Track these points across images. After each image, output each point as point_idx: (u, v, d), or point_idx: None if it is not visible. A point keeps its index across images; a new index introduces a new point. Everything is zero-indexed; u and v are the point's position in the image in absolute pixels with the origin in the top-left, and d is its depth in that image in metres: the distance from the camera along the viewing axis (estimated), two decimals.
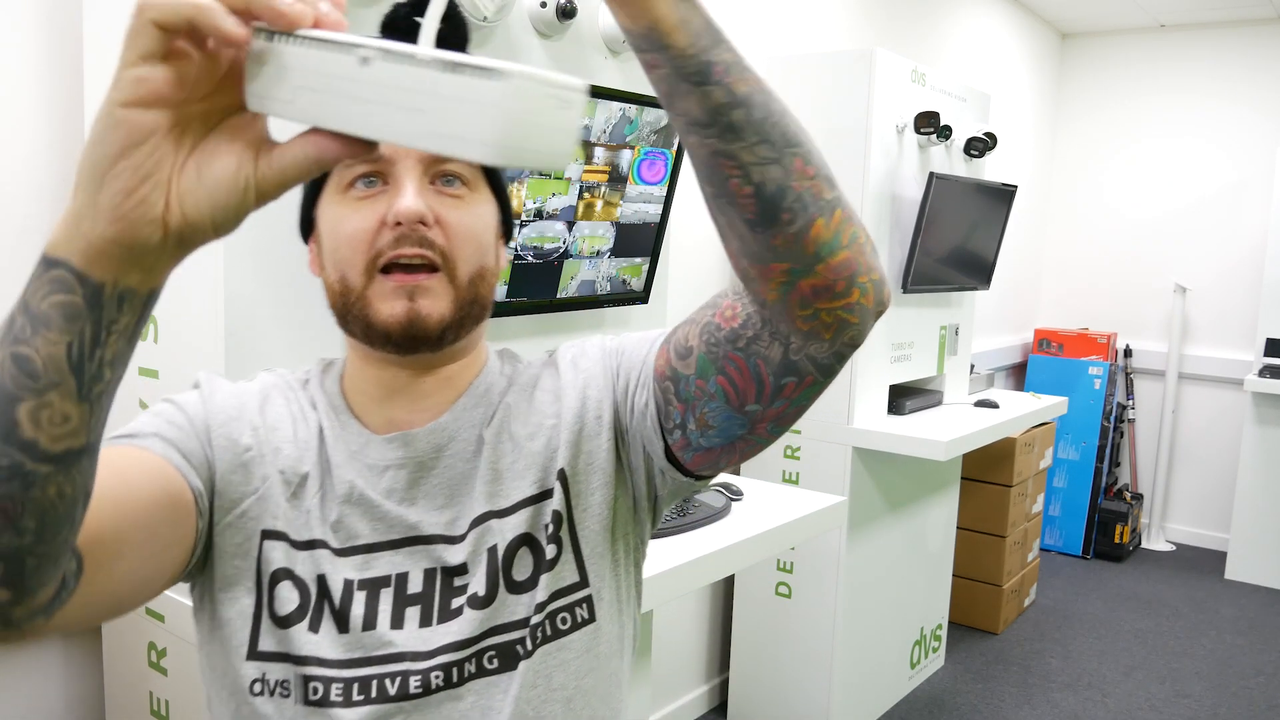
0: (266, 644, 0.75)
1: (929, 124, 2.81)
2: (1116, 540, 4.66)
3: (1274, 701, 3.29)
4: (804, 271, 0.65)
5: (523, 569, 0.78)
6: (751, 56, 2.92)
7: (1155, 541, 4.97)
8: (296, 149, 0.51)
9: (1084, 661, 3.55)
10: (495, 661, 0.77)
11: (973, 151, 3.11)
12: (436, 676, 0.75)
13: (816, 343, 0.69)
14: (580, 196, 1.74)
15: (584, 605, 0.81)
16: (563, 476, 0.80)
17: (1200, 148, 4.88)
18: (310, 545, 0.77)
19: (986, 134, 3.09)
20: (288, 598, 0.76)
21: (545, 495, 0.80)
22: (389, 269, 0.74)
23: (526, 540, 0.79)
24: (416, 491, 0.79)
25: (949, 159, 3.09)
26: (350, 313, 0.76)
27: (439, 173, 0.76)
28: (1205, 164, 4.87)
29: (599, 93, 1.69)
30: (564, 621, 0.80)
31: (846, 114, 2.71)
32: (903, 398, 3.00)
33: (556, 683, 0.79)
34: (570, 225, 1.75)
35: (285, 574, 0.76)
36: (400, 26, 0.76)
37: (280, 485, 0.77)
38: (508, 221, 0.85)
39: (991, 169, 3.47)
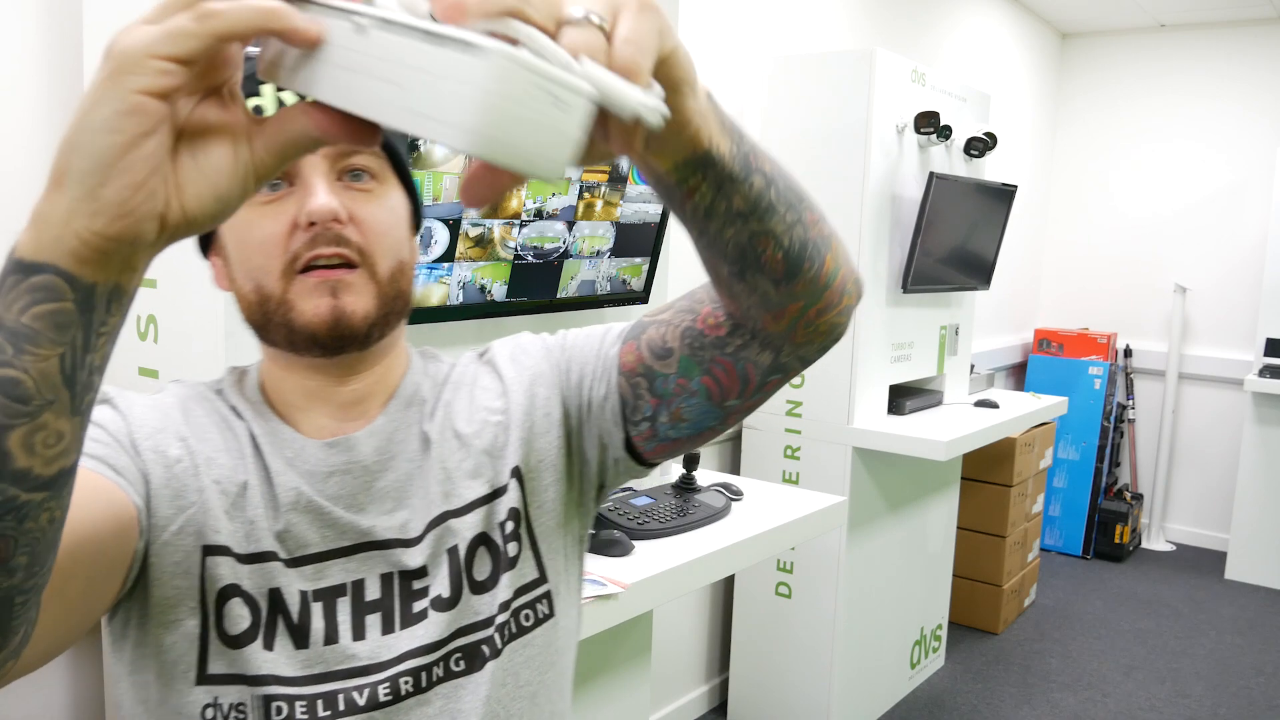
0: (217, 666, 0.71)
1: (929, 124, 2.81)
2: (1116, 540, 4.66)
3: (1274, 701, 3.29)
4: (814, 302, 0.69)
5: (482, 569, 0.78)
6: (752, 56, 2.92)
7: (1155, 541, 4.97)
8: (295, 126, 0.48)
9: (1084, 661, 3.55)
10: (462, 663, 0.76)
11: (973, 151, 3.11)
12: (405, 683, 0.74)
13: (808, 346, 0.73)
14: (580, 196, 1.74)
15: (544, 601, 0.81)
16: (518, 474, 0.80)
17: (1200, 147, 4.88)
18: (258, 558, 0.73)
19: (986, 134, 3.09)
20: (239, 616, 0.72)
21: (498, 493, 0.79)
22: (307, 269, 0.72)
23: (484, 540, 0.78)
24: (364, 496, 0.77)
25: (949, 159, 3.09)
26: (271, 321, 0.73)
27: (346, 168, 0.73)
28: (1205, 164, 4.87)
29: None
30: (527, 618, 0.80)
31: (846, 114, 2.70)
32: (903, 398, 3.00)
33: (523, 679, 0.79)
34: (570, 225, 1.75)
35: (233, 591, 0.72)
36: None
37: (218, 496, 0.73)
38: (418, 212, 0.83)
39: (991, 169, 3.47)
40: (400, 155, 0.78)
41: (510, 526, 0.79)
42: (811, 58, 2.79)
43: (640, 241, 1.91)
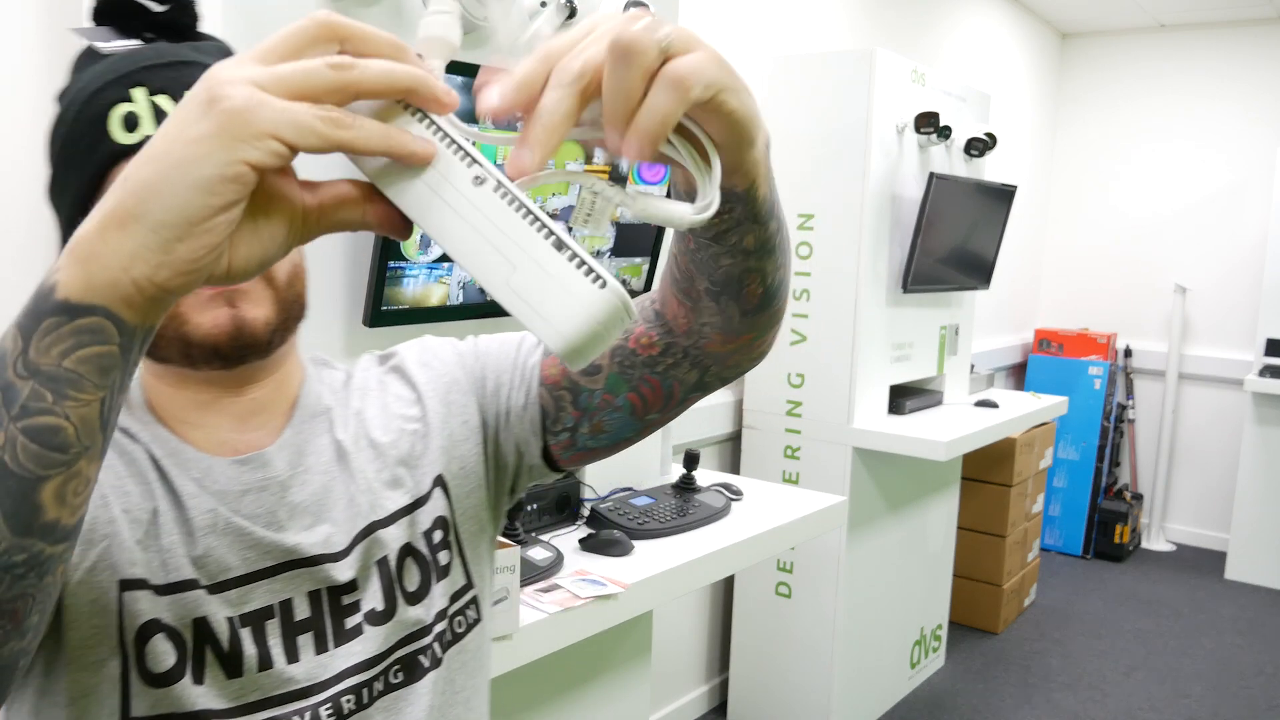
0: (139, 708, 0.66)
1: (929, 124, 2.81)
2: (1116, 540, 4.66)
3: (1274, 701, 3.29)
4: (763, 334, 0.71)
5: (412, 579, 0.77)
6: (752, 56, 2.92)
7: (1155, 541, 4.97)
8: (352, 215, 0.48)
9: (1084, 661, 3.55)
10: (400, 675, 0.75)
11: (973, 151, 3.11)
12: (347, 701, 0.72)
13: (735, 370, 0.75)
14: (581, 196, 1.74)
15: (472, 606, 0.81)
16: (441, 482, 0.80)
17: (1200, 147, 4.88)
18: (177, 587, 0.69)
19: (986, 134, 3.09)
20: (161, 654, 0.67)
21: (420, 503, 0.78)
22: None
23: (410, 550, 0.77)
24: (282, 513, 0.73)
25: (949, 159, 3.09)
26: (163, 336, 0.69)
27: None
28: (1205, 164, 4.87)
29: None
30: (460, 625, 0.80)
31: (846, 114, 2.70)
32: (903, 398, 3.00)
33: (459, 684, 0.79)
34: (570, 225, 1.75)
35: (155, 627, 0.67)
36: (114, 13, 0.71)
37: (129, 527, 0.68)
38: None
39: (991, 169, 3.47)
40: None
41: (439, 535, 0.79)
42: (811, 58, 2.79)
43: (640, 242, 1.91)
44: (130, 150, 0.66)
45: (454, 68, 1.46)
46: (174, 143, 0.42)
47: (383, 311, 1.49)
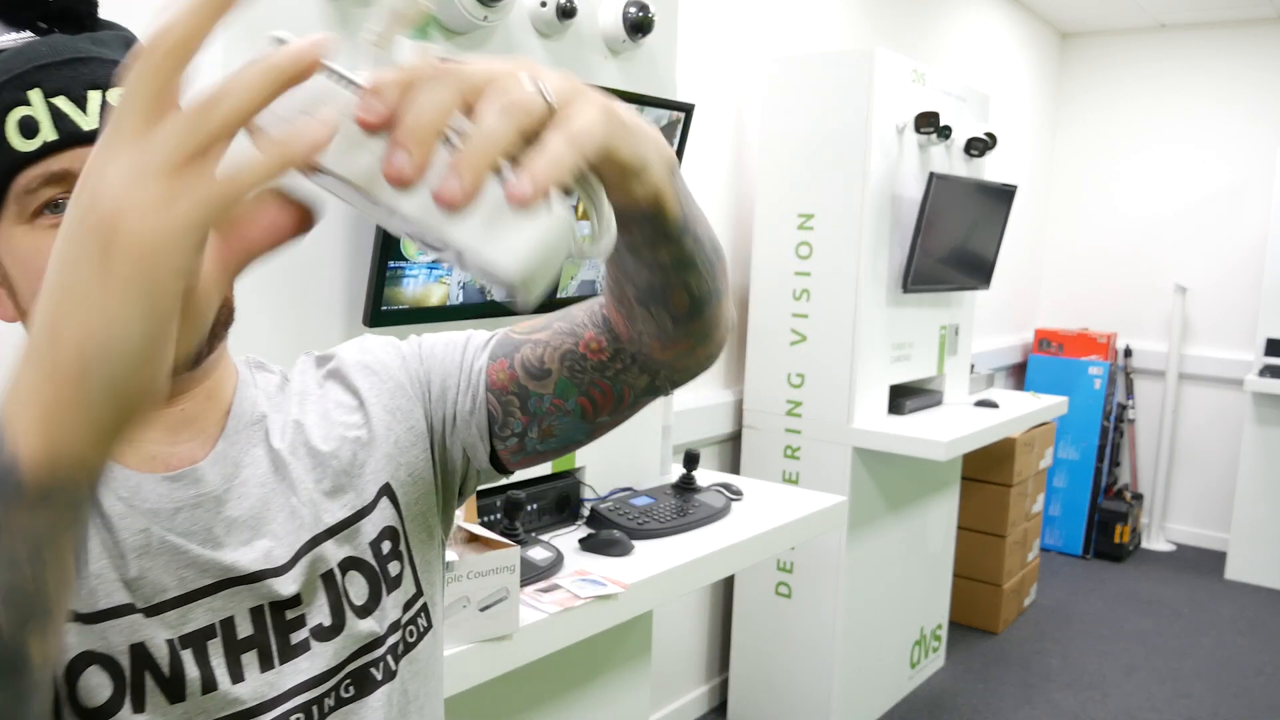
0: None
1: (929, 124, 2.81)
2: (1116, 540, 4.66)
3: (1274, 701, 3.29)
4: (702, 341, 0.71)
5: (359, 591, 0.74)
6: (752, 57, 2.92)
7: (1155, 541, 4.97)
8: (257, 238, 0.42)
9: (1084, 661, 3.55)
10: (351, 689, 0.73)
11: (973, 151, 3.11)
12: (297, 718, 0.69)
13: (684, 374, 0.76)
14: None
15: (423, 614, 0.80)
16: (389, 491, 0.77)
17: (1200, 147, 4.88)
18: (110, 614, 0.65)
19: (987, 134, 3.09)
20: (96, 686, 0.63)
21: (364, 513, 0.76)
22: None
23: (354, 562, 0.75)
24: (219, 530, 0.70)
25: (949, 159, 3.09)
26: None
27: None
28: (1205, 163, 4.87)
29: None
30: (412, 634, 0.78)
31: (846, 114, 2.70)
32: (903, 398, 3.00)
33: (412, 693, 0.78)
34: None
35: (86, 659, 0.64)
36: (2, 3, 0.67)
37: None
38: None
39: (991, 169, 3.47)
40: None
41: (388, 546, 0.77)
42: (812, 58, 2.79)
43: None
44: (29, 158, 0.62)
45: None
46: (88, 311, 0.37)
47: (383, 311, 1.49)
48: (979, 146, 3.09)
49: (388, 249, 1.46)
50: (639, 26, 1.78)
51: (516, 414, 0.77)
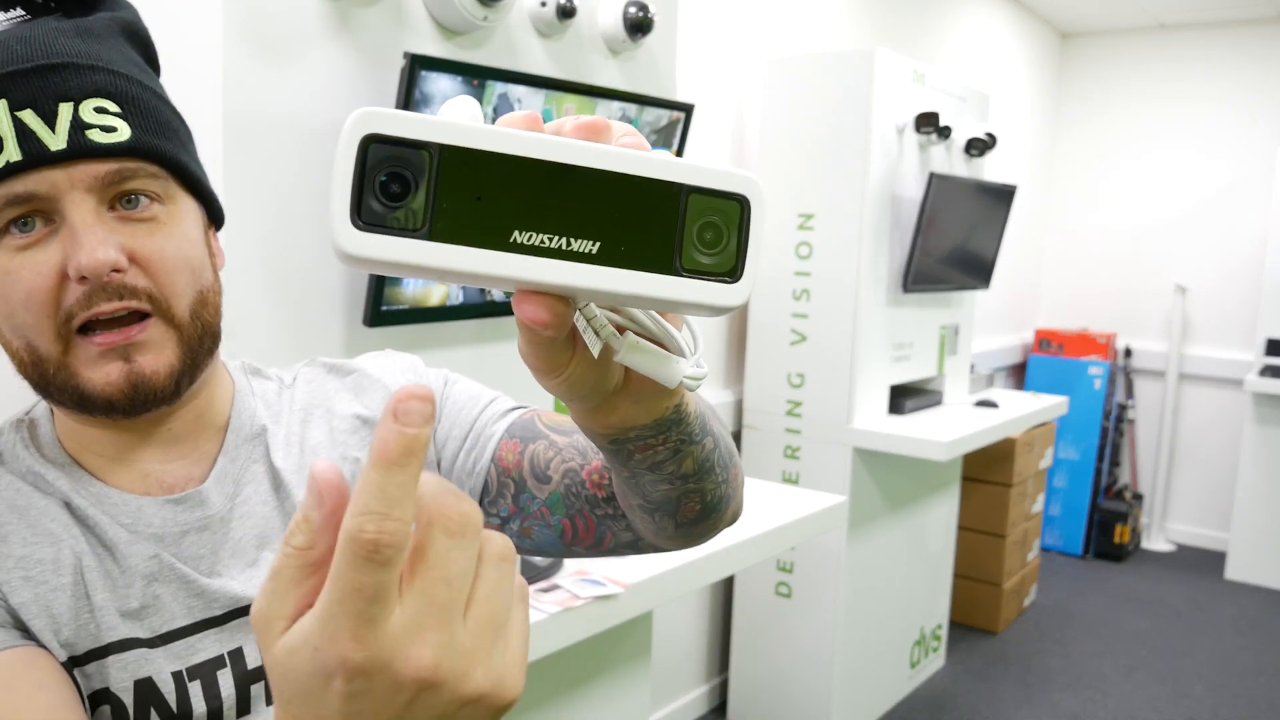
0: None
1: (929, 124, 2.81)
2: (1116, 540, 4.66)
3: (1274, 701, 3.29)
4: (701, 538, 0.68)
5: None
6: (752, 57, 2.92)
7: (1155, 541, 4.97)
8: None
9: (1084, 661, 3.55)
10: None
11: (973, 151, 3.11)
12: None
13: (670, 549, 0.71)
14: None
15: None
16: None
17: (1200, 147, 4.88)
18: (116, 648, 0.62)
19: (987, 134, 3.09)
20: None
21: None
22: (87, 328, 0.61)
23: None
24: (225, 553, 0.67)
25: (949, 159, 3.09)
26: (52, 385, 0.62)
27: (119, 194, 0.62)
28: (1205, 163, 4.87)
29: (599, 93, 1.69)
30: None
31: (846, 114, 2.70)
32: (903, 398, 3.00)
33: None
34: None
35: (102, 697, 0.62)
36: None
37: (62, 596, 0.62)
38: (213, 209, 0.71)
39: (991, 169, 3.47)
40: (181, 162, 0.66)
41: None
42: (812, 58, 2.79)
43: None
44: None
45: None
46: None
47: (383, 311, 1.49)
48: (979, 146, 3.09)
49: None
50: (639, 26, 1.78)
51: (508, 499, 0.74)
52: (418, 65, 1.39)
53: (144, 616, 0.64)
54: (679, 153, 1.91)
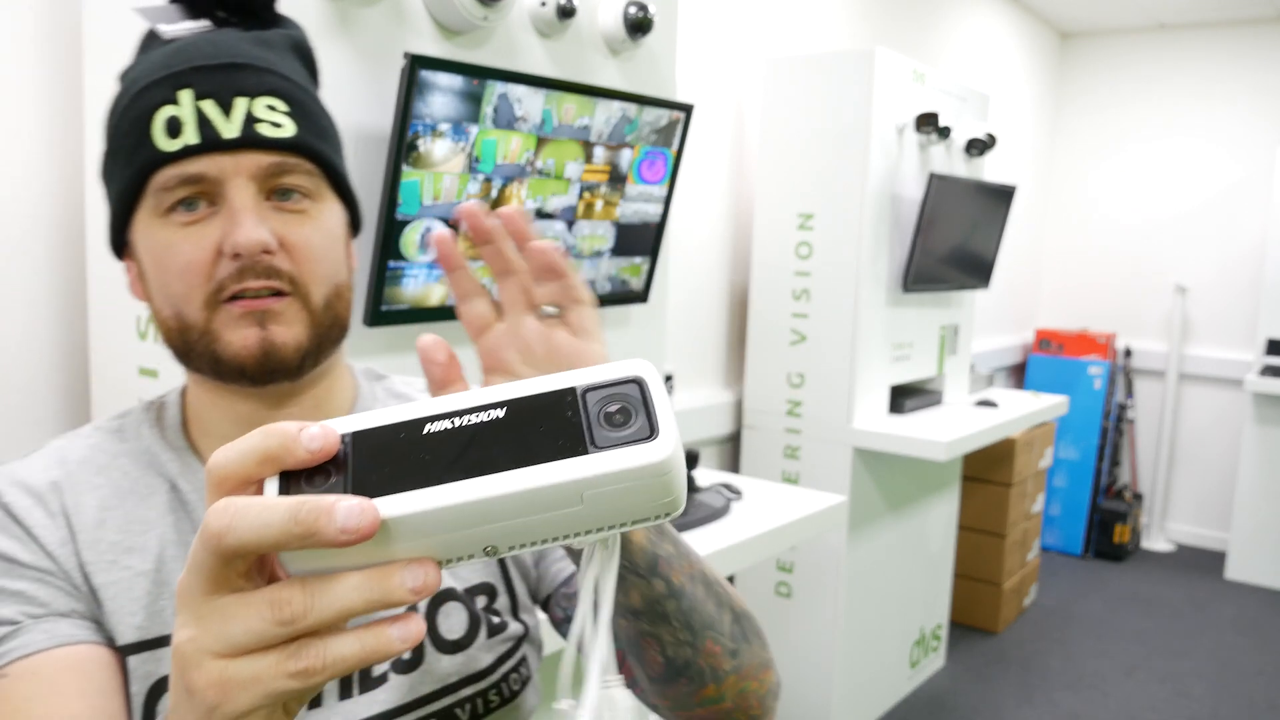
0: None
1: (929, 124, 2.81)
2: (1116, 540, 4.66)
3: (1274, 701, 3.29)
4: (686, 705, 0.67)
5: (451, 626, 0.73)
6: (752, 57, 2.92)
7: (1155, 541, 4.97)
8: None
9: (1084, 661, 3.55)
10: None
11: (972, 151, 3.11)
12: None
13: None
14: (580, 196, 1.74)
15: (524, 664, 0.77)
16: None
17: (1200, 147, 4.88)
18: None
19: (986, 134, 3.09)
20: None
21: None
22: (233, 299, 0.66)
23: (450, 594, 0.73)
24: None
25: (949, 159, 3.09)
26: (194, 350, 0.67)
27: (275, 187, 0.67)
28: (1205, 163, 4.87)
29: (599, 92, 1.69)
30: (516, 682, 0.75)
31: (846, 114, 2.71)
32: (903, 397, 3.00)
33: None
34: (570, 225, 1.75)
35: (162, 685, 0.64)
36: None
37: (126, 590, 0.65)
38: (355, 218, 0.77)
39: (991, 169, 3.47)
40: (334, 165, 0.72)
41: (484, 600, 0.76)
42: (812, 58, 2.79)
43: (640, 241, 1.91)
44: (170, 157, 0.64)
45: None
46: None
47: (383, 311, 1.49)
48: (979, 146, 3.09)
49: (387, 248, 1.46)
50: (639, 26, 1.78)
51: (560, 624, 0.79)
52: (418, 65, 1.39)
53: None
54: (679, 153, 1.91)
